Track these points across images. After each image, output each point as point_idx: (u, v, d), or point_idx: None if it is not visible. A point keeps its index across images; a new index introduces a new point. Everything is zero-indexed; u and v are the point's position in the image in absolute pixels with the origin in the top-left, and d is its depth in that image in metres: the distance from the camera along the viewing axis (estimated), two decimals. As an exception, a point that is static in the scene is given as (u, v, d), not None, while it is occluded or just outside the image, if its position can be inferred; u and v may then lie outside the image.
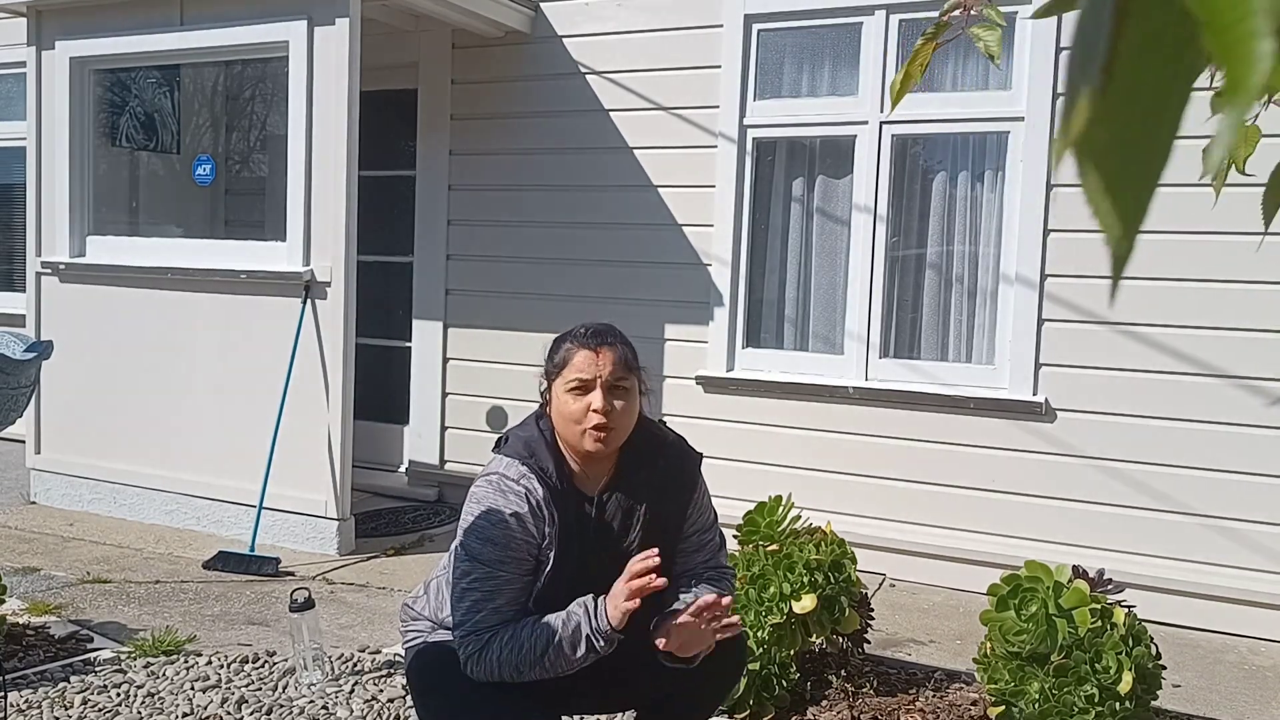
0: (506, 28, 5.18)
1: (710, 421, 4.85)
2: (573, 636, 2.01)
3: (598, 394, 2.10)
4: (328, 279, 4.57)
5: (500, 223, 5.37)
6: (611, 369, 2.12)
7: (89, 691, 3.10)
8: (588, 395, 2.11)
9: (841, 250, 4.73)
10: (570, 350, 2.15)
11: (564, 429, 2.14)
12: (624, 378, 2.14)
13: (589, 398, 2.10)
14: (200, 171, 5.29)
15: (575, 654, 2.01)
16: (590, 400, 2.10)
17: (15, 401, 2.73)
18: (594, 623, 2.00)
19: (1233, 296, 3.99)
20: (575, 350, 2.15)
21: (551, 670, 2.03)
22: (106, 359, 5.14)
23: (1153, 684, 2.71)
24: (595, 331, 2.18)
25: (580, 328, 2.20)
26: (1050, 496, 4.30)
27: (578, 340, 2.16)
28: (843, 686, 3.10)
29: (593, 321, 2.25)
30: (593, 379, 2.11)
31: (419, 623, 2.28)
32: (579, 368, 2.12)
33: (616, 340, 2.18)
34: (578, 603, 2.05)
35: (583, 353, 2.13)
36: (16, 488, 5.53)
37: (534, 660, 2.01)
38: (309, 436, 4.60)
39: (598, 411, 2.09)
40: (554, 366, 2.17)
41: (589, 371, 2.11)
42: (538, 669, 2.02)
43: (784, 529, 3.20)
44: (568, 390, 2.12)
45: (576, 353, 2.14)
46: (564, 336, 2.21)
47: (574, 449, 2.16)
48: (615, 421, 2.11)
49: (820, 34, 4.69)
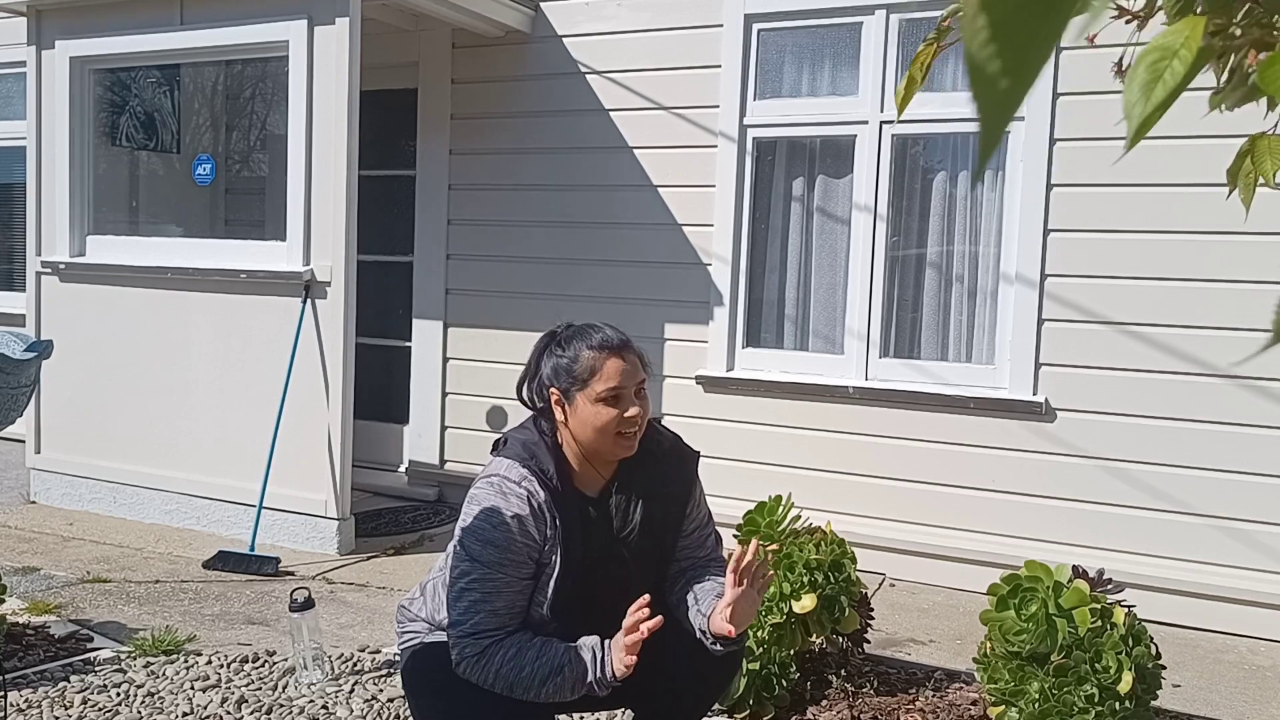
0: (506, 27, 5.18)
1: (710, 421, 4.85)
2: (575, 677, 1.99)
3: (634, 402, 2.09)
4: (328, 279, 4.57)
5: (500, 222, 5.37)
6: (640, 373, 2.12)
7: (89, 691, 3.10)
8: (621, 404, 2.07)
9: (841, 250, 4.73)
10: (597, 359, 2.09)
11: (591, 437, 2.10)
12: (645, 379, 2.14)
13: (623, 406, 2.07)
14: (200, 171, 5.29)
15: (573, 694, 2.02)
16: (625, 409, 2.07)
17: (15, 401, 2.73)
18: (598, 671, 1.99)
19: (1233, 296, 3.99)
20: (605, 359, 2.09)
21: (543, 698, 2.01)
22: (106, 359, 5.14)
23: (1153, 684, 2.71)
24: (613, 338, 2.13)
25: (591, 333, 2.13)
26: (1050, 496, 4.29)
27: (600, 347, 2.10)
28: (843, 686, 3.10)
29: (584, 323, 2.18)
30: (628, 386, 2.08)
31: (415, 624, 2.27)
32: (611, 377, 2.07)
33: (629, 341, 2.16)
34: (586, 645, 2.01)
35: (614, 361, 2.09)
36: (16, 487, 5.53)
37: (531, 686, 2.00)
38: (309, 436, 4.60)
39: (634, 419, 2.07)
40: (575, 377, 2.09)
41: (624, 380, 2.08)
42: (531, 693, 2.01)
43: (784, 529, 3.20)
44: (599, 400, 2.07)
45: (607, 361, 2.08)
46: (572, 341, 2.13)
47: (597, 455, 2.13)
48: (644, 422, 2.12)
49: (820, 34, 4.69)
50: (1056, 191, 4.24)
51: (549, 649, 2.02)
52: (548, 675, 1.99)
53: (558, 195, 5.22)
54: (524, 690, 2.00)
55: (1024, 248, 4.30)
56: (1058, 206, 4.25)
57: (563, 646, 2.02)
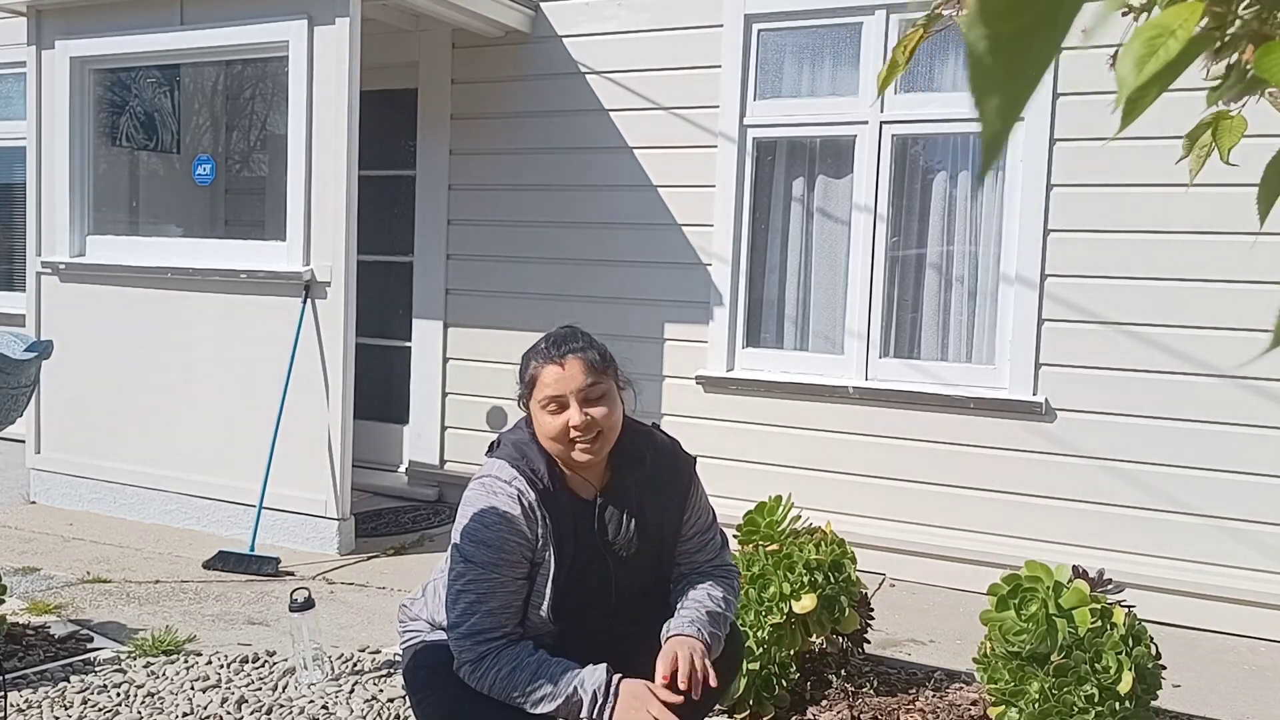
0: (506, 27, 5.18)
1: (710, 421, 4.85)
2: (569, 708, 1.98)
3: (574, 409, 2.05)
4: (328, 279, 4.57)
5: (500, 222, 5.37)
6: (582, 379, 2.06)
7: (89, 691, 3.10)
8: (564, 411, 2.06)
9: (841, 250, 4.73)
10: (536, 368, 2.10)
11: (549, 445, 2.10)
12: (597, 382, 2.08)
13: (566, 414, 2.06)
14: (200, 171, 5.29)
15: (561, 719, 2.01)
16: (568, 416, 2.05)
17: (15, 401, 2.73)
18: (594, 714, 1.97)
19: (1233, 296, 3.99)
20: (541, 367, 2.09)
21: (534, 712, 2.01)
22: (106, 358, 5.14)
23: (1153, 684, 2.71)
24: (557, 340, 2.12)
25: (542, 341, 2.14)
26: (1050, 496, 4.29)
27: (541, 356, 2.10)
28: (843, 686, 3.10)
29: (556, 329, 2.17)
30: (564, 394, 2.06)
31: (416, 623, 2.28)
32: (548, 385, 2.07)
33: (581, 345, 2.11)
34: (587, 685, 1.98)
35: (549, 368, 2.08)
36: (16, 488, 5.53)
37: (523, 701, 1.99)
38: (309, 436, 4.60)
39: (577, 427, 2.05)
40: (525, 386, 2.13)
41: (558, 387, 2.06)
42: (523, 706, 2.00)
43: (784, 529, 3.20)
44: (543, 409, 2.08)
45: (542, 369, 2.08)
46: (529, 353, 2.15)
47: (564, 461, 2.12)
48: (600, 426, 2.07)
49: (820, 34, 4.69)
50: (1056, 191, 4.24)
51: (545, 672, 1.99)
52: (542, 698, 1.98)
53: (558, 195, 5.22)
54: (513, 704, 2.01)
55: (1024, 248, 4.30)
56: (1058, 206, 4.25)
57: (560, 672, 1.99)
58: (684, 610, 2.17)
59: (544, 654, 2.03)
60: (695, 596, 2.20)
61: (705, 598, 2.19)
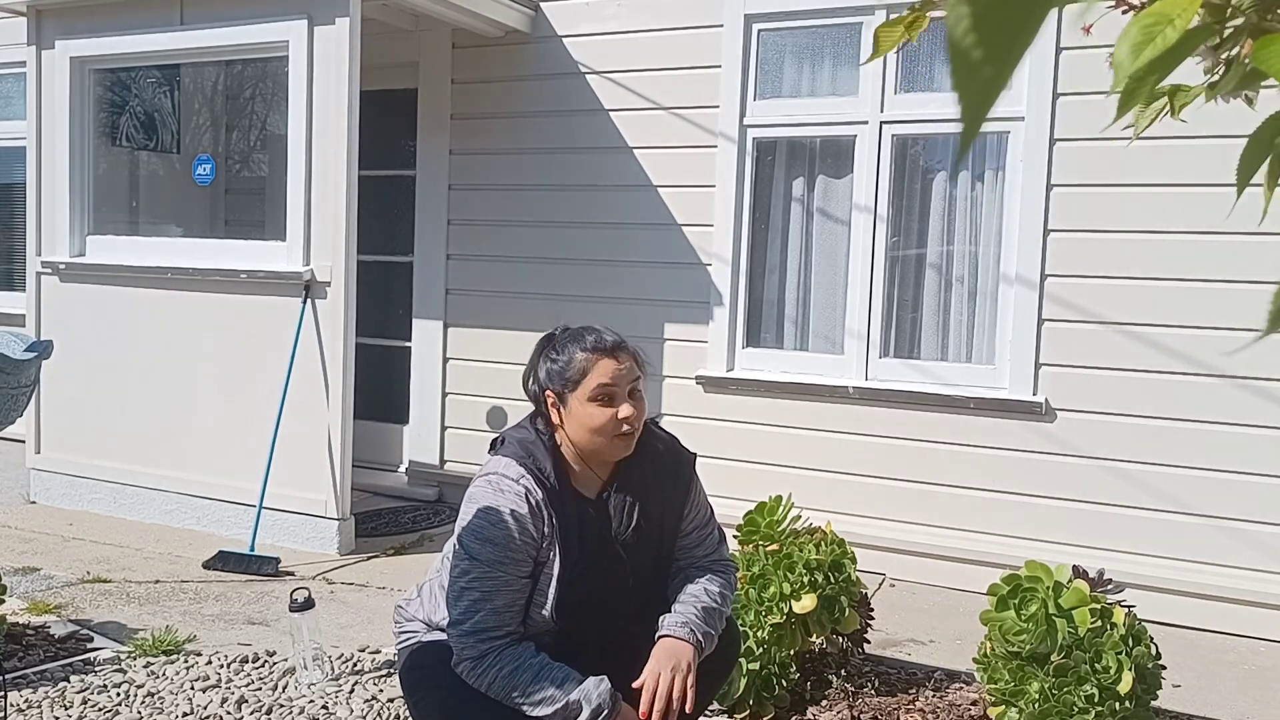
0: (506, 27, 5.18)
1: (710, 421, 4.85)
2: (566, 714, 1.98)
3: (626, 402, 2.10)
4: (328, 279, 4.57)
5: (500, 222, 5.37)
6: (635, 371, 2.13)
7: (89, 691, 3.10)
8: (615, 404, 2.09)
9: (841, 250, 4.73)
10: (588, 360, 2.11)
11: (586, 439, 2.11)
12: (640, 376, 2.15)
13: (617, 407, 2.09)
14: (200, 171, 5.29)
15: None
16: (619, 409, 2.09)
17: (15, 401, 2.73)
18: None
19: (1233, 296, 3.99)
20: (596, 360, 2.11)
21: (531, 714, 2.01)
22: (107, 359, 5.14)
23: (1153, 684, 2.71)
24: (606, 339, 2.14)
25: (584, 335, 2.15)
26: (1050, 496, 4.29)
27: (592, 349, 2.12)
28: (843, 686, 3.10)
29: (580, 326, 2.20)
30: (621, 388, 2.10)
31: (412, 624, 2.27)
32: (605, 378, 2.09)
33: (623, 340, 2.17)
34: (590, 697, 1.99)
35: (604, 361, 2.10)
36: (16, 487, 5.53)
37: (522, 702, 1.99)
38: (309, 436, 4.60)
39: (628, 419, 2.08)
40: (568, 379, 2.12)
41: (615, 379, 2.10)
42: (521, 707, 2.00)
43: (784, 529, 3.20)
44: (590, 401, 2.09)
45: (597, 362, 2.10)
46: (566, 345, 2.15)
47: (595, 456, 2.14)
48: (640, 422, 2.13)
49: (820, 34, 4.69)
50: (1056, 191, 4.24)
51: (547, 675, 1.99)
52: (540, 702, 1.98)
53: (558, 195, 5.22)
54: (512, 705, 2.01)
55: (1024, 248, 4.30)
56: (1058, 206, 4.25)
57: (563, 677, 2.00)
58: (679, 607, 2.18)
59: (545, 657, 2.03)
60: (692, 591, 2.20)
61: (702, 592, 2.20)
